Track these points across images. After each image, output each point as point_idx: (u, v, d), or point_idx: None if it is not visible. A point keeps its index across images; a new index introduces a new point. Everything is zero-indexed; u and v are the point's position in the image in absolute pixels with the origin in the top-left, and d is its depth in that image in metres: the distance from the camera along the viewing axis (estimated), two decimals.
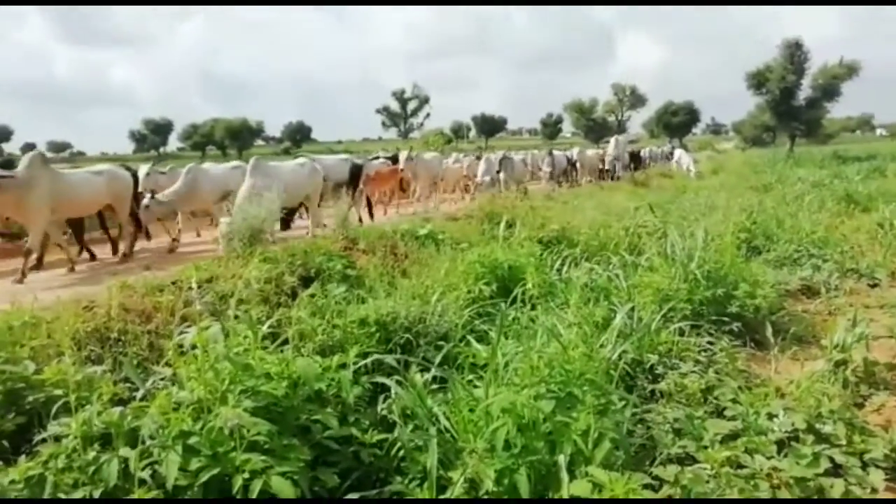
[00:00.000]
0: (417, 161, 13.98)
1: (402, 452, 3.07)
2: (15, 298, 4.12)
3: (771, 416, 3.50)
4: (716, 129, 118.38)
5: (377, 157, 16.90)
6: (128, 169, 10.62)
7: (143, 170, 10.65)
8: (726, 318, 5.21)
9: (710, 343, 4.69)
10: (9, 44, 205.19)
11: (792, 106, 42.07)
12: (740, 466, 3.08)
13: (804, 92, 42.21)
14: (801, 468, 3.03)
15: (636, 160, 30.16)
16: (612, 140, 25.32)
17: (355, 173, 11.50)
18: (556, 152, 21.86)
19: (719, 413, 3.72)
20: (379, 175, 13.10)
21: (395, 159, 16.49)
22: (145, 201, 8.52)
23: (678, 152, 31.23)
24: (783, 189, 16.00)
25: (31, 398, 2.99)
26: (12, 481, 2.47)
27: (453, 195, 16.69)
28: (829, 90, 41.46)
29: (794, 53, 41.41)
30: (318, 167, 9.62)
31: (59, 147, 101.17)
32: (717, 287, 5.55)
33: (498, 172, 15.33)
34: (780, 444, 3.28)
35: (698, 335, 4.79)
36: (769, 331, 4.42)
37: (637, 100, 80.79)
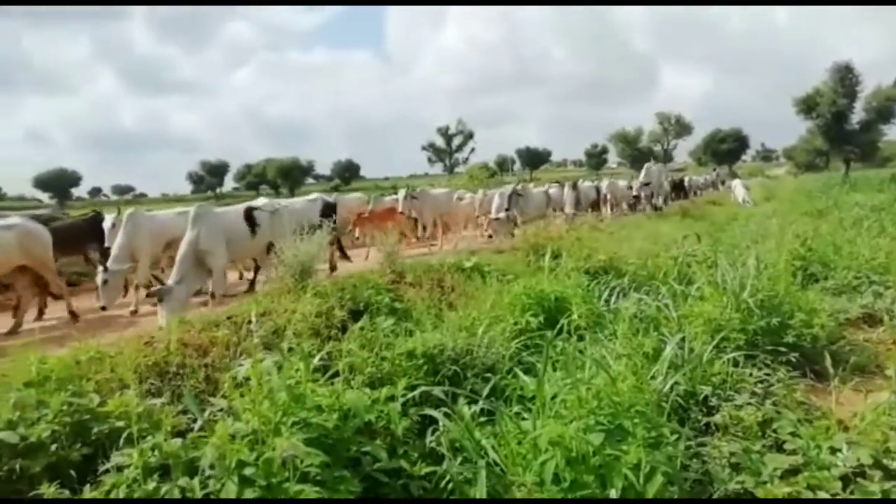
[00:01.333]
0: (423, 198, 13.28)
1: (451, 485, 3.07)
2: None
3: (834, 451, 3.35)
4: (766, 156, 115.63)
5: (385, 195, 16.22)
6: (95, 215, 10.14)
7: (108, 221, 9.82)
8: (782, 349, 5.04)
9: (767, 374, 4.55)
10: (82, 97, 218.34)
11: (845, 130, 40.91)
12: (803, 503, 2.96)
13: (857, 115, 41.04)
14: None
15: (678, 189, 28.70)
16: (644, 168, 22.93)
17: (327, 213, 10.17)
18: (582, 184, 20.52)
19: (778, 447, 3.59)
20: (374, 215, 12.42)
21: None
22: (101, 276, 7.49)
23: (734, 182, 30.43)
24: (839, 214, 15.47)
25: (96, 429, 3.12)
26: None
27: (465, 233, 15.05)
28: (884, 112, 40.22)
29: (845, 77, 40.40)
30: (279, 210, 8.49)
31: (122, 190, 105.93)
32: (772, 316, 5.39)
33: (507, 210, 13.51)
34: (845, 480, 3.14)
35: (753, 366, 4.66)
36: (828, 361, 4.26)
37: (682, 128, 79.92)
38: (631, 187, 21.75)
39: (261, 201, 8.68)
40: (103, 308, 7.62)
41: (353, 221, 12.77)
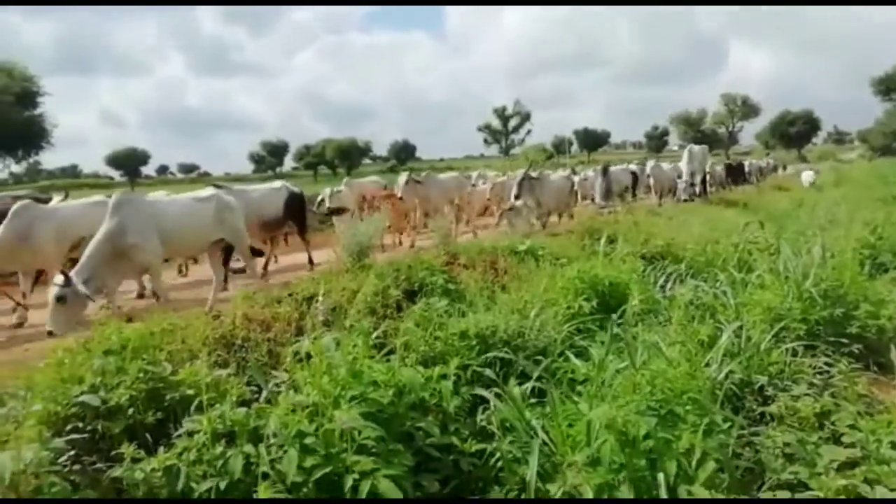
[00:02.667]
0: (428, 183, 12.14)
1: (500, 463, 3.15)
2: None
3: (895, 446, 3.27)
4: (839, 139, 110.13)
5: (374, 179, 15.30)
6: (39, 199, 8.42)
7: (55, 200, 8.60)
8: (845, 340, 4.89)
9: (827, 365, 4.44)
10: (153, 79, 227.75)
11: None
12: (859, 497, 2.91)
13: None
14: None
15: (735, 174, 27.25)
16: (686, 152, 20.43)
17: (292, 205, 8.98)
18: (615, 168, 18.89)
19: (836, 440, 3.51)
20: (366, 201, 11.67)
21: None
22: (56, 291, 5.43)
23: (801, 167, 29.44)
24: None
25: (168, 396, 3.34)
26: (153, 469, 2.78)
27: (480, 220, 14.10)
28: None
29: None
30: (228, 201, 7.10)
31: (187, 168, 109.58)
32: (836, 306, 5.22)
33: (517, 197, 11.61)
34: None
35: (813, 356, 4.55)
36: (894, 353, 4.12)
37: (749, 110, 76.89)
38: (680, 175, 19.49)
39: (209, 191, 7.34)
40: None
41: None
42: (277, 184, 9.36)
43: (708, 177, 21.84)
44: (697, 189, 19.57)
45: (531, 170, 12.87)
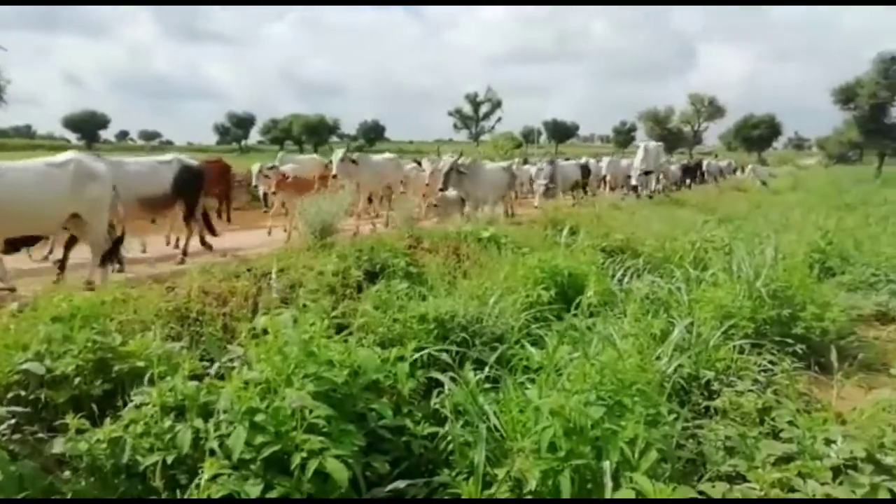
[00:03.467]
0: (363, 163, 11.15)
1: (451, 446, 3.18)
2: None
3: (829, 442, 3.40)
4: (798, 144, 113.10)
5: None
6: None
7: None
8: (790, 340, 5.08)
9: (772, 363, 4.59)
10: (117, 41, 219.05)
11: (882, 123, 39.96)
12: (792, 490, 3.03)
13: None
14: (857, 497, 2.96)
15: (692, 173, 26.94)
16: (641, 148, 19.41)
17: (183, 182, 7.67)
18: (564, 162, 17.75)
19: (775, 435, 3.65)
20: (297, 180, 10.84)
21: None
22: None
23: (752, 166, 29.90)
24: (867, 210, 15.24)
25: (117, 367, 3.27)
26: (98, 440, 2.73)
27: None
28: None
29: (889, 68, 39.26)
30: (91, 169, 5.90)
31: (149, 136, 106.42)
32: (783, 307, 5.41)
33: (442, 189, 10.65)
34: (836, 472, 3.19)
35: (759, 354, 4.70)
36: (834, 355, 4.29)
37: (715, 111, 78.07)
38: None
39: (68, 155, 6.07)
40: None
41: (270, 187, 10.89)
42: (168, 156, 8.14)
43: (661, 175, 21.27)
44: (653, 186, 19.22)
45: (460, 159, 11.11)
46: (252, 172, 11.97)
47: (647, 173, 18.61)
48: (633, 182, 18.55)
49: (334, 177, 10.68)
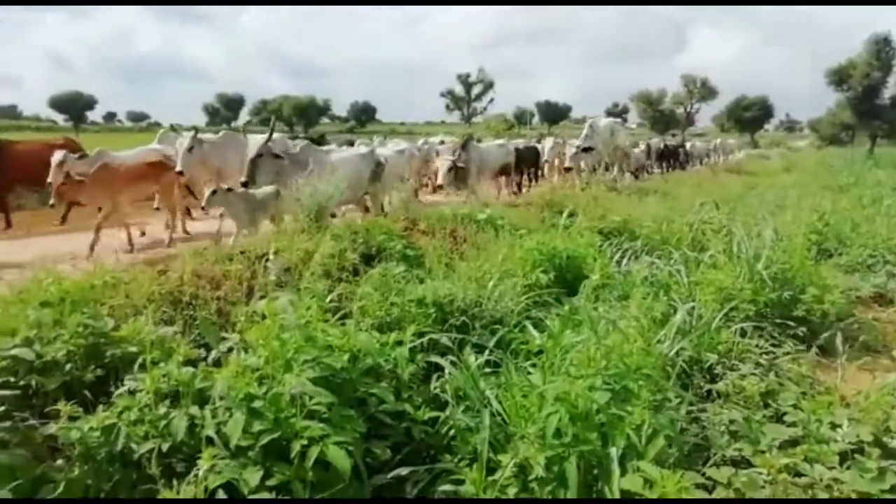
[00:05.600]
0: (222, 146, 9.12)
1: (452, 432, 3.12)
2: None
3: (834, 426, 3.37)
4: (790, 126, 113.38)
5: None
6: None
7: None
8: (791, 322, 5.04)
9: (774, 346, 4.55)
10: (102, 21, 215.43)
11: (875, 104, 40.04)
12: (798, 475, 3.00)
13: (890, 90, 40.08)
14: (864, 482, 2.92)
15: (670, 157, 23.82)
16: (586, 126, 15.71)
17: None
18: (487, 144, 14.14)
19: (779, 418, 3.61)
20: (131, 173, 8.20)
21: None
22: None
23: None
24: (860, 191, 15.23)
25: (109, 353, 3.19)
26: (91, 428, 2.65)
27: None
28: None
29: (882, 49, 39.22)
30: None
31: (137, 117, 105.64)
32: (784, 289, 5.37)
33: (244, 185, 7.18)
34: (843, 456, 3.16)
35: (760, 337, 4.66)
36: (839, 338, 4.26)
37: (708, 92, 77.94)
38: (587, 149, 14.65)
39: None
40: None
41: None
42: None
43: (623, 159, 17.43)
44: (601, 169, 14.59)
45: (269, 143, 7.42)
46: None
47: (585, 150, 14.72)
48: (567, 164, 14.86)
49: (179, 173, 8.51)
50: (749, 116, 77.30)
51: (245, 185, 7.06)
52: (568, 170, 14.91)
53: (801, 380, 4.10)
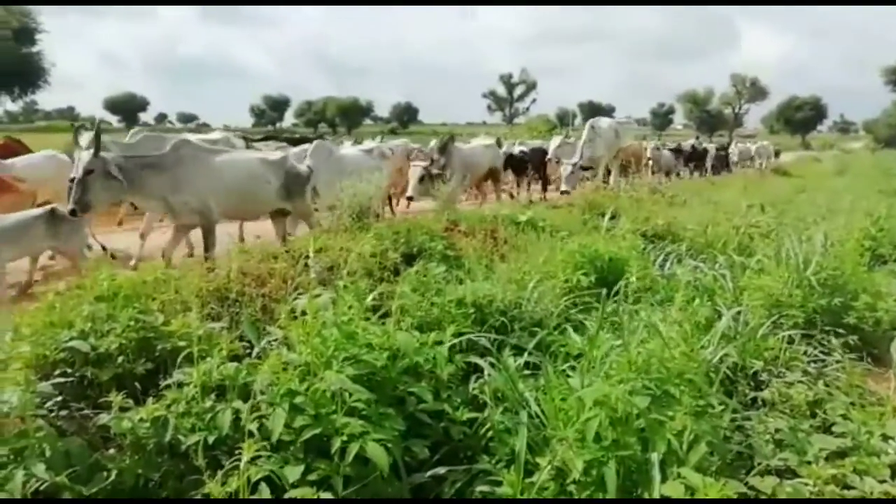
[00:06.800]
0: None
1: (490, 433, 3.13)
2: None
3: (886, 438, 3.27)
4: (844, 128, 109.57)
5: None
6: None
7: None
8: (842, 330, 4.88)
9: (823, 354, 4.42)
10: (156, 23, 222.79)
11: None
12: (847, 487, 2.91)
13: None
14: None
15: (697, 159, 22.87)
16: (587, 127, 13.70)
17: None
18: (473, 143, 12.78)
19: (827, 429, 3.51)
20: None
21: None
22: None
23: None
24: None
25: (159, 346, 3.30)
26: (141, 419, 2.75)
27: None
28: None
29: None
30: None
31: (186, 118, 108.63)
32: (835, 296, 5.20)
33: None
34: (895, 469, 3.07)
35: (809, 345, 4.53)
36: (892, 347, 4.11)
37: (757, 92, 76.08)
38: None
39: None
40: None
41: None
42: None
43: (632, 162, 16.16)
44: (612, 180, 13.86)
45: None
46: None
47: (585, 169, 12.92)
48: (563, 187, 12.59)
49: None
50: (800, 117, 75.02)
51: (73, 213, 5.47)
52: (565, 193, 12.46)
53: (851, 389, 3.97)
